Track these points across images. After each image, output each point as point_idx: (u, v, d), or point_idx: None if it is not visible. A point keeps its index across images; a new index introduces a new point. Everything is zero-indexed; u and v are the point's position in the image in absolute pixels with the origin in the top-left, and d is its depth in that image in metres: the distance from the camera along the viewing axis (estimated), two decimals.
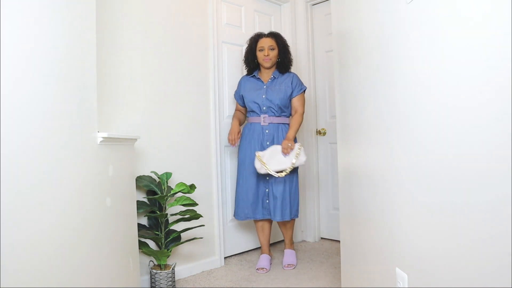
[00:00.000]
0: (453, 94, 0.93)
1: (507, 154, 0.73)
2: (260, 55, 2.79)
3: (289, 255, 2.82)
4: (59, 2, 1.42)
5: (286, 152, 2.62)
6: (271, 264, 2.78)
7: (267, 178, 2.73)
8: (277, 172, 2.60)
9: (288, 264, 2.75)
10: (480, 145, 0.82)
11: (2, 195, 1.13)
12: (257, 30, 3.29)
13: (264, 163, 2.58)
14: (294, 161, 2.60)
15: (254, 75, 2.87)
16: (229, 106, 3.05)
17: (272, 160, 2.60)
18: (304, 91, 2.84)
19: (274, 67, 2.85)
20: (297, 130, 2.74)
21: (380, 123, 1.41)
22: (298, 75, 2.96)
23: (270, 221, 2.82)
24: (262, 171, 2.59)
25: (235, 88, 3.10)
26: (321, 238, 3.51)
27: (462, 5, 0.88)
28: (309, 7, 3.52)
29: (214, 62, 2.86)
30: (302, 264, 2.82)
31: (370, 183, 1.52)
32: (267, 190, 2.74)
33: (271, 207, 2.71)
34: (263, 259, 2.75)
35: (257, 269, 2.69)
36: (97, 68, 1.65)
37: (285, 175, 2.61)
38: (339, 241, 2.23)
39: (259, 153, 2.62)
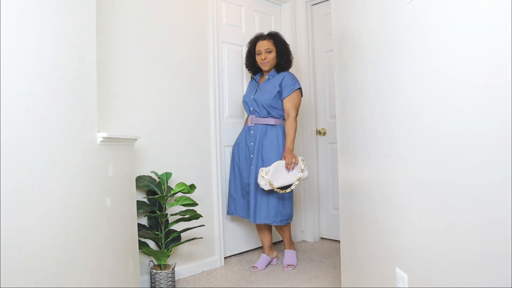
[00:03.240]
0: (453, 94, 0.92)
1: (506, 159, 0.73)
2: (258, 59, 2.78)
3: (288, 255, 2.81)
4: (59, 3, 1.42)
5: (289, 168, 2.56)
6: (268, 264, 2.76)
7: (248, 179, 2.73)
8: (282, 189, 2.55)
9: (288, 265, 2.74)
10: (479, 148, 0.82)
11: (2, 195, 1.13)
12: (257, 30, 3.29)
13: (268, 180, 2.49)
14: (300, 176, 2.55)
15: (255, 78, 2.87)
16: (229, 106, 3.05)
17: (277, 176, 2.52)
18: (298, 90, 2.70)
19: (273, 69, 2.80)
20: (294, 137, 2.64)
21: (379, 124, 1.41)
22: (298, 75, 2.94)
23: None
24: (266, 187, 2.51)
25: (235, 88, 3.11)
26: (321, 238, 3.51)
27: (462, 5, 0.88)
28: (309, 7, 3.52)
29: (214, 62, 2.86)
30: (302, 264, 2.82)
31: (370, 183, 1.52)
32: (247, 190, 2.73)
33: (250, 208, 2.66)
34: (261, 259, 2.78)
35: (252, 266, 2.73)
36: (97, 68, 1.65)
37: (288, 190, 2.55)
38: (339, 241, 2.23)
39: (263, 170, 2.53)
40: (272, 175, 2.51)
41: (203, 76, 2.81)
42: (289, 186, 2.57)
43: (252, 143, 2.72)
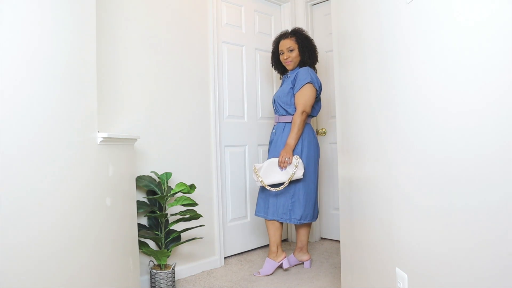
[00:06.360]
0: (452, 94, 0.92)
1: (506, 156, 0.73)
2: (281, 58, 2.74)
3: (266, 263, 2.64)
4: (59, 3, 1.42)
5: (282, 166, 2.50)
6: (295, 263, 2.76)
7: None
8: (273, 186, 2.53)
9: (259, 271, 2.62)
10: (479, 147, 0.82)
11: (2, 196, 1.13)
12: (257, 30, 3.30)
13: (259, 176, 2.50)
14: (292, 174, 2.47)
15: (283, 78, 2.82)
16: (229, 106, 3.05)
17: (269, 173, 2.51)
18: (307, 84, 2.57)
19: (297, 66, 2.73)
20: (297, 132, 2.54)
21: (379, 125, 1.41)
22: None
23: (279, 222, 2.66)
24: (258, 184, 2.54)
25: (235, 88, 3.12)
26: (321, 238, 3.51)
27: (462, 6, 0.88)
28: (309, 7, 3.52)
29: (214, 62, 2.86)
30: (302, 264, 2.81)
31: (370, 183, 1.52)
32: None
33: (268, 206, 2.66)
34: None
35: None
36: (97, 68, 1.65)
37: (280, 188, 2.49)
38: (339, 241, 2.23)
39: (256, 166, 2.54)
40: (264, 172, 2.51)
41: (203, 76, 2.81)
42: (282, 184, 2.52)
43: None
